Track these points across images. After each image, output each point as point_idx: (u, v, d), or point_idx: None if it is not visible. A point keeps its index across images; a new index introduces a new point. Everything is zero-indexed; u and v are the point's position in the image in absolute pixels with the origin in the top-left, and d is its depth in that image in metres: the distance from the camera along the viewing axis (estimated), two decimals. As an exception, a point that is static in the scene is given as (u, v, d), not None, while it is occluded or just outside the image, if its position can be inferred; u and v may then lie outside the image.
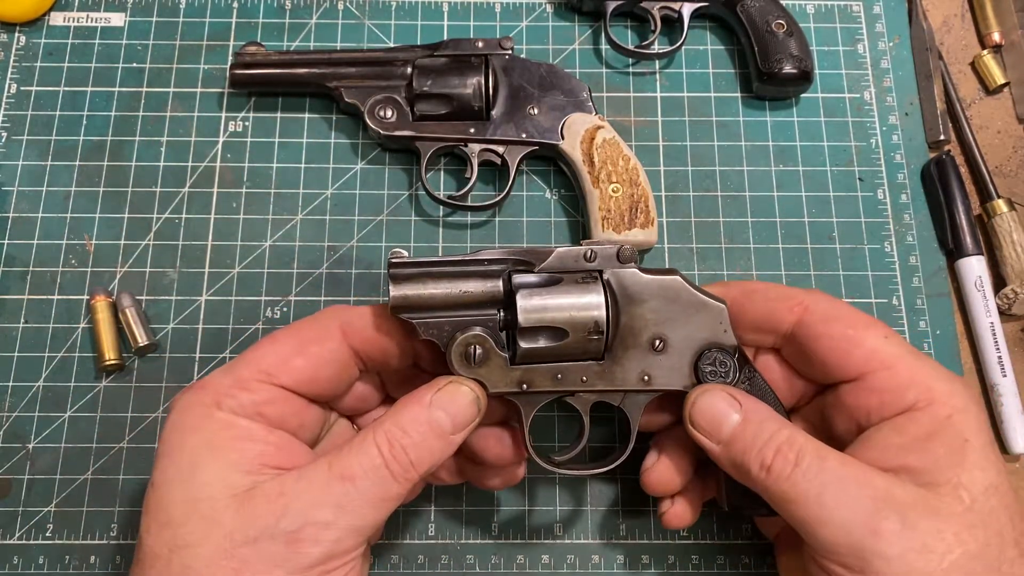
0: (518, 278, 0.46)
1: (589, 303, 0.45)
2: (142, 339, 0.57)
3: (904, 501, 0.39)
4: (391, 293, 0.44)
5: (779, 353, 0.49)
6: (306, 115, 0.65)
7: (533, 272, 0.46)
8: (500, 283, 0.46)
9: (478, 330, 0.45)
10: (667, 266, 0.61)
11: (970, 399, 0.42)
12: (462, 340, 0.45)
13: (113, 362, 0.57)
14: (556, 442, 0.57)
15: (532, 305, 0.45)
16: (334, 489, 0.39)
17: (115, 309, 0.58)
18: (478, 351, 0.45)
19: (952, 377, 0.43)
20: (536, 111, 0.61)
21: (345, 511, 0.39)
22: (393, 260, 0.45)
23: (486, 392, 0.44)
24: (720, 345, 0.46)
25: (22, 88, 0.65)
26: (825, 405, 0.47)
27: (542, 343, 0.45)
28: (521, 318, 0.44)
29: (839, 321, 0.45)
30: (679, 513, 0.49)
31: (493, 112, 0.60)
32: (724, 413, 0.43)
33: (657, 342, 0.46)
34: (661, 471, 0.49)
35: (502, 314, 0.46)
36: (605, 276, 0.46)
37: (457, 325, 0.45)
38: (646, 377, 0.46)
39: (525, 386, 0.46)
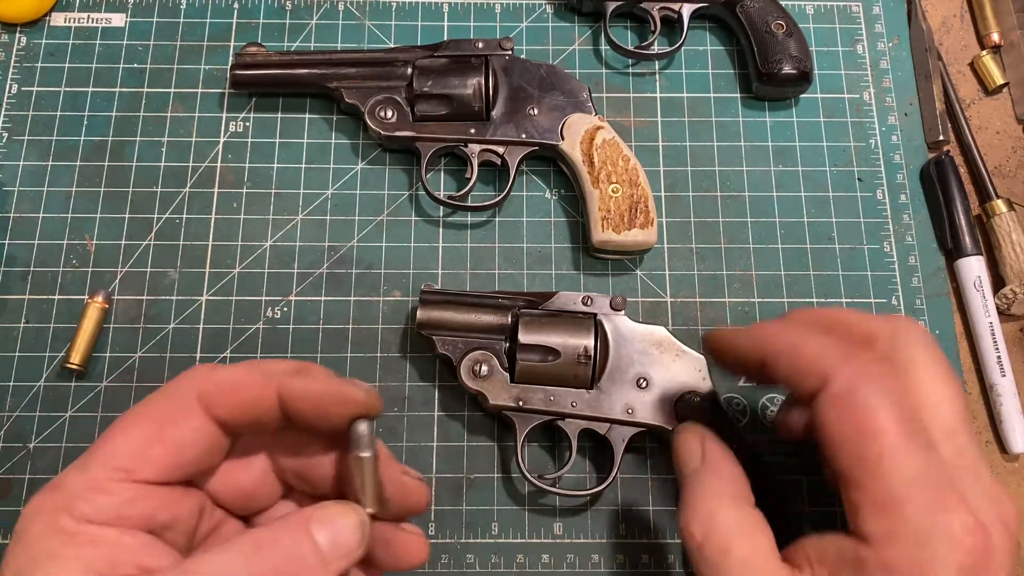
0: (524, 311, 0.54)
1: (581, 332, 0.53)
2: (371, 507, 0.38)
3: None
4: (418, 313, 0.54)
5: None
6: (307, 116, 0.65)
7: (538, 308, 0.55)
8: (509, 316, 0.54)
9: (486, 351, 0.53)
10: (666, 268, 0.61)
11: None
12: (471, 357, 0.53)
13: (75, 367, 0.57)
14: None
15: (532, 327, 0.53)
16: None
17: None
18: (483, 368, 0.53)
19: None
20: (536, 111, 0.61)
21: None
22: (424, 289, 0.55)
23: None
24: (698, 391, 0.52)
25: (23, 88, 0.65)
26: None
27: (537, 360, 0.53)
28: (521, 336, 0.53)
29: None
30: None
31: (493, 112, 0.60)
32: (689, 456, 0.45)
33: (641, 380, 0.53)
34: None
35: (507, 343, 0.54)
36: (598, 317, 0.54)
37: (469, 345, 0.54)
38: (630, 410, 0.52)
39: (521, 403, 0.53)
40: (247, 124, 0.65)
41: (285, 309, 0.60)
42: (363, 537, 0.35)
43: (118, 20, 0.67)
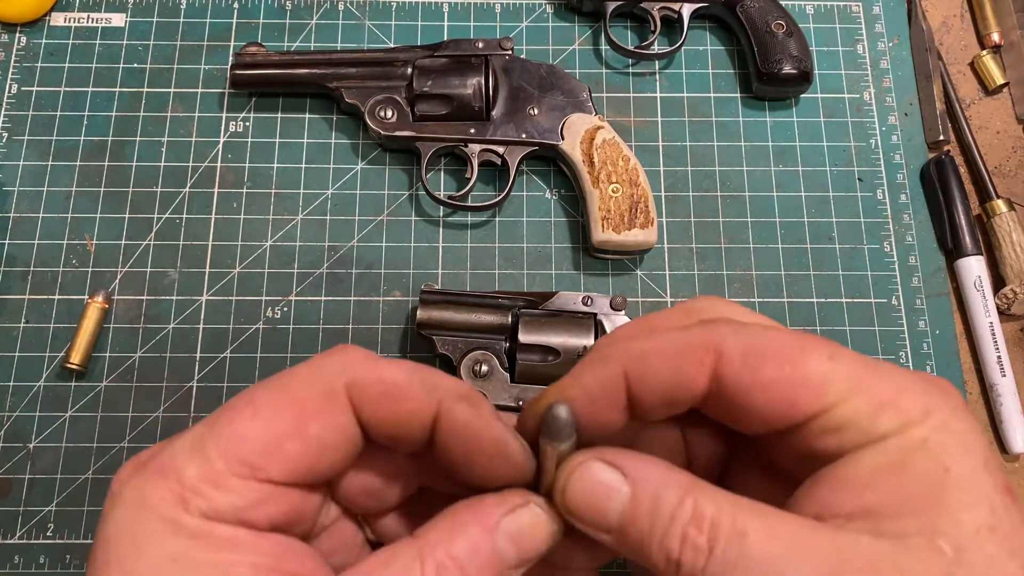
0: (524, 311, 0.55)
1: (581, 333, 0.53)
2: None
3: (863, 565, 0.27)
4: (418, 313, 0.55)
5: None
6: (307, 115, 0.65)
7: (538, 308, 0.55)
8: (509, 316, 0.55)
9: (486, 351, 0.54)
10: (667, 268, 0.61)
11: (952, 408, 0.29)
12: (471, 356, 0.54)
13: (75, 367, 0.57)
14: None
15: (532, 327, 0.54)
16: None
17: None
18: (483, 367, 0.54)
19: (925, 383, 0.29)
20: (536, 111, 0.61)
21: None
22: (424, 289, 0.56)
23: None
24: None
25: (23, 88, 0.65)
26: (768, 447, 0.32)
27: (538, 360, 0.53)
28: (521, 336, 0.53)
29: (766, 359, 0.29)
30: None
31: (493, 112, 0.60)
32: (606, 492, 0.29)
33: None
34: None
35: (507, 343, 0.54)
36: (598, 317, 0.55)
37: (469, 345, 0.54)
38: None
39: (521, 403, 0.53)
40: (247, 124, 0.65)
41: (285, 309, 0.60)
42: (551, 538, 0.29)
43: (118, 20, 0.67)
